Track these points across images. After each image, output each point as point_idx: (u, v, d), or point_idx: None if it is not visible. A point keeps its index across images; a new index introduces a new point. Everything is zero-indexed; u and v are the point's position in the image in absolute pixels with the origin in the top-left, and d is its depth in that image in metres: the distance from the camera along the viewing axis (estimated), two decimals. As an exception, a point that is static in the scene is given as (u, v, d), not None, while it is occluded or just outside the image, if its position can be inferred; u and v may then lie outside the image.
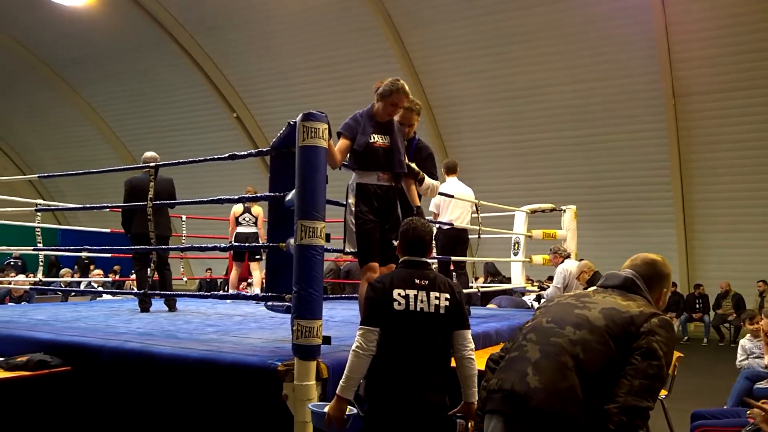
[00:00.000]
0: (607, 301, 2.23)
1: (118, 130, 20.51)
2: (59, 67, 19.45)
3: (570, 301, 2.32)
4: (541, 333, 2.21)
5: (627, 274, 2.37)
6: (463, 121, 15.56)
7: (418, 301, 2.75)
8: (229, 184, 16.17)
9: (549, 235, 8.38)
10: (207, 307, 6.85)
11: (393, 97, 3.86)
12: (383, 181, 3.88)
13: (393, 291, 2.75)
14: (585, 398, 2.00)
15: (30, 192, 21.20)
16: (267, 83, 17.08)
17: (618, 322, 2.11)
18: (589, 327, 2.12)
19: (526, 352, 2.17)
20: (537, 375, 2.06)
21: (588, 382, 2.02)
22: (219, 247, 4.70)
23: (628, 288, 2.32)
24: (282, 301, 3.60)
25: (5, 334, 4.28)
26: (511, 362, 2.21)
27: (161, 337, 4.11)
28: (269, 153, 3.91)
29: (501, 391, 2.14)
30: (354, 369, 2.70)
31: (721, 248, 13.95)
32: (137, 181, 6.02)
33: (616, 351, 2.06)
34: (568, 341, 2.11)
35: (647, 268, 2.39)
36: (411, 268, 2.85)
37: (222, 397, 3.30)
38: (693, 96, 13.14)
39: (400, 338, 2.72)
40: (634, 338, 2.07)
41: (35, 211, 7.27)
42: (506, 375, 2.16)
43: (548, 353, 2.11)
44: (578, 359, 2.05)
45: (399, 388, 2.69)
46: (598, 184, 14.56)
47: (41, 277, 7.77)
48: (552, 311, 2.31)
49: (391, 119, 3.99)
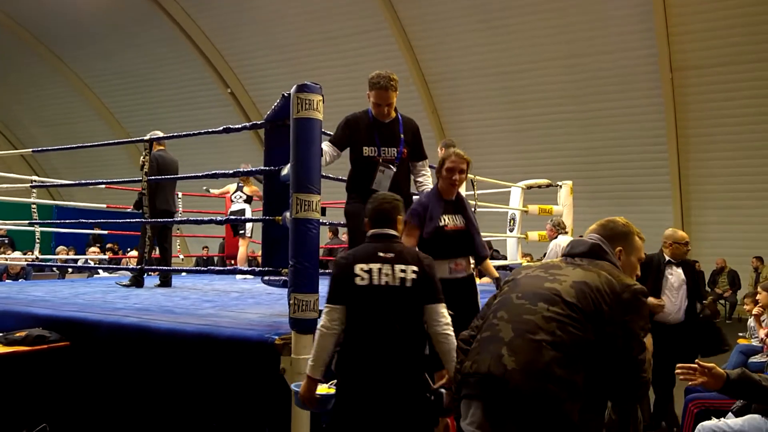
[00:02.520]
0: (577, 274, 2.14)
1: (112, 107, 20.34)
2: (52, 43, 19.21)
3: (539, 274, 2.22)
4: (512, 310, 2.11)
5: (592, 239, 2.31)
6: (460, 97, 15.47)
7: (383, 274, 2.64)
8: (224, 160, 16.07)
9: (545, 210, 8.39)
10: (204, 283, 6.88)
11: (447, 164, 3.61)
12: (458, 272, 3.57)
13: (355, 266, 2.66)
14: (565, 374, 1.93)
15: (24, 169, 21.08)
16: (261, 58, 16.92)
17: (588, 298, 2.03)
18: (562, 302, 2.04)
19: (498, 332, 2.08)
20: (513, 355, 1.97)
21: (566, 358, 1.95)
22: (215, 220, 4.69)
23: (595, 254, 2.25)
24: (278, 275, 3.61)
25: (4, 310, 4.29)
26: (483, 343, 2.11)
27: (159, 313, 4.12)
28: (264, 126, 3.89)
29: (476, 374, 2.05)
30: (319, 348, 2.65)
31: (717, 224, 13.96)
32: (161, 159, 6.08)
33: (590, 330, 2.00)
34: (541, 318, 2.02)
35: (608, 230, 2.33)
36: (376, 242, 2.76)
37: (220, 371, 3.32)
38: (691, 70, 13.04)
39: (366, 314, 2.64)
40: (607, 319, 2.01)
41: (30, 187, 7.23)
42: (480, 357, 2.06)
43: (522, 331, 2.02)
44: (554, 335, 1.98)
45: (367, 364, 2.62)
46: (595, 160, 14.53)
47: (38, 254, 7.77)
48: (521, 285, 2.21)
49: (459, 196, 3.69)
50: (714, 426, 3.25)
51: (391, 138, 3.80)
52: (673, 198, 14.10)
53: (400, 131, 3.84)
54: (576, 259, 2.25)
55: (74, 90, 20.27)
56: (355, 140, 3.81)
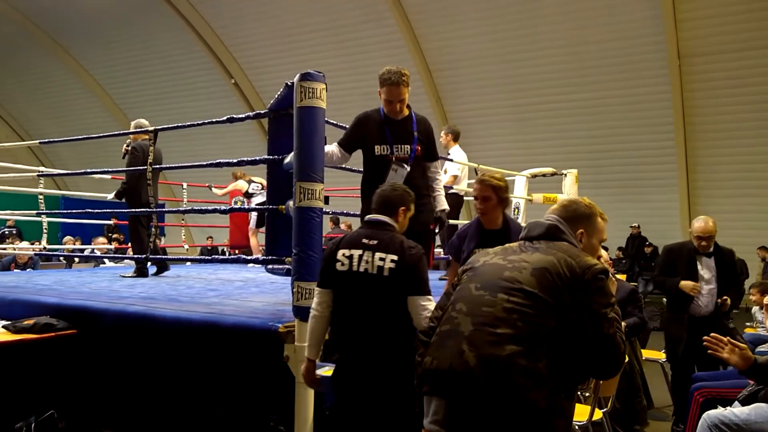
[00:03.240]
0: (536, 259, 2.05)
1: (117, 98, 20.37)
2: (58, 36, 19.24)
3: (498, 261, 2.12)
4: (471, 303, 2.02)
5: (550, 220, 2.22)
6: (463, 85, 15.40)
7: (363, 261, 2.62)
8: (228, 150, 16.09)
9: (549, 199, 8.36)
10: (208, 272, 6.91)
11: (473, 192, 3.43)
12: None
13: (338, 252, 2.68)
14: (528, 363, 1.86)
15: (31, 160, 21.16)
16: (265, 48, 16.89)
17: (550, 286, 1.96)
18: (523, 293, 1.96)
19: (458, 326, 1.99)
20: (474, 350, 1.90)
21: (527, 349, 1.88)
22: (219, 209, 4.71)
23: (553, 235, 2.16)
24: (282, 263, 3.62)
25: (12, 299, 4.33)
26: (443, 338, 2.02)
27: (164, 301, 4.15)
28: (267, 115, 3.89)
29: (438, 371, 1.97)
30: (311, 330, 2.75)
31: (725, 213, 13.81)
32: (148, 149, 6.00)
33: (553, 316, 1.93)
34: (501, 310, 1.94)
35: (570, 211, 2.24)
36: (366, 228, 2.75)
37: (224, 359, 3.34)
38: (699, 57, 12.92)
39: (346, 299, 2.67)
40: (570, 305, 1.94)
41: (37, 176, 7.27)
42: (440, 353, 1.99)
43: (481, 324, 1.94)
44: (515, 327, 1.91)
45: (348, 350, 2.66)
46: (600, 148, 14.47)
47: (45, 244, 7.82)
48: (479, 275, 2.11)
49: (507, 225, 3.41)
50: (720, 415, 3.23)
51: (404, 135, 3.59)
52: (680, 186, 14.03)
53: (414, 129, 3.65)
54: (534, 242, 2.16)
55: (80, 82, 20.30)
56: (367, 140, 3.64)
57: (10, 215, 9.34)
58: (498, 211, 3.27)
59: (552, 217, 2.23)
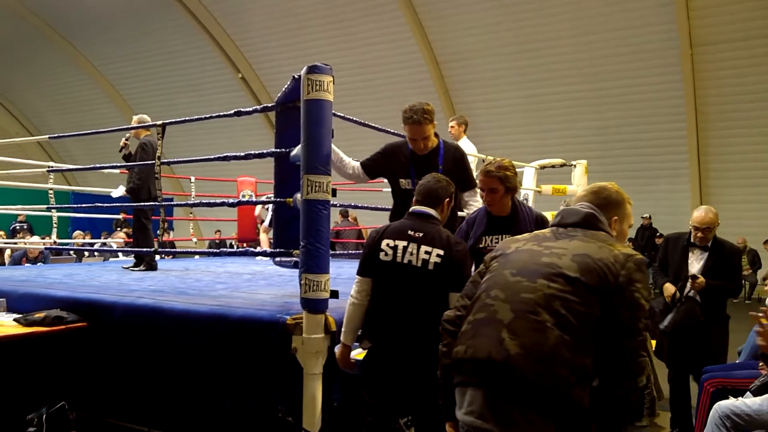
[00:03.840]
0: (575, 246, 1.98)
1: (125, 93, 20.45)
2: (66, 32, 19.34)
3: (532, 248, 2.05)
4: (508, 289, 1.94)
5: (585, 208, 2.13)
6: (472, 77, 15.33)
7: (407, 253, 2.63)
8: (235, 145, 16.13)
9: (559, 190, 8.32)
10: (217, 266, 6.94)
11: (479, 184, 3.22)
12: None
13: (382, 241, 2.69)
14: (573, 357, 1.80)
15: (41, 155, 21.30)
16: (272, 43, 16.89)
17: (593, 271, 1.89)
18: (564, 278, 1.89)
19: (495, 313, 1.91)
20: (515, 339, 1.82)
21: (571, 338, 1.81)
22: (227, 203, 4.72)
23: (590, 224, 2.08)
24: (290, 256, 3.63)
25: (23, 292, 4.36)
26: (478, 326, 1.94)
27: (172, 294, 4.17)
28: (274, 109, 3.88)
29: (473, 360, 1.88)
30: (349, 317, 2.81)
31: (737, 203, 13.75)
32: (152, 146, 6.04)
33: (596, 304, 1.86)
34: (542, 296, 1.87)
35: (602, 198, 2.17)
36: (411, 219, 2.75)
37: (232, 351, 3.36)
38: (711, 45, 12.79)
39: (387, 290, 2.68)
40: (613, 290, 1.88)
41: (47, 172, 7.31)
42: (477, 342, 1.90)
43: (523, 312, 1.86)
44: (558, 315, 1.83)
45: (383, 339, 2.69)
46: (610, 139, 14.38)
47: (55, 238, 7.88)
48: (514, 261, 2.03)
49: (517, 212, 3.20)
50: (731, 405, 3.20)
51: (428, 170, 3.33)
52: (691, 176, 13.93)
53: (439, 162, 3.53)
54: (569, 229, 2.08)
55: (88, 77, 20.39)
56: (391, 172, 3.62)
57: (21, 210, 9.41)
58: (506, 200, 3.14)
59: (586, 205, 2.15)
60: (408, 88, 15.28)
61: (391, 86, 15.61)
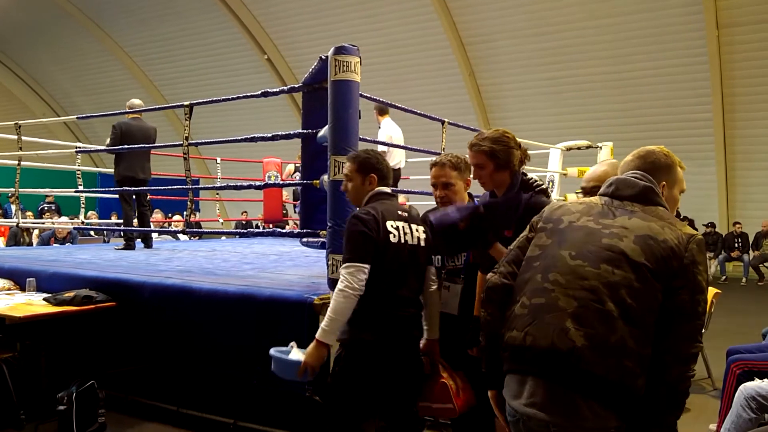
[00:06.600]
0: (636, 225, 1.85)
1: (151, 74, 20.58)
2: (93, 14, 19.46)
3: (590, 225, 1.90)
4: (569, 274, 1.83)
5: (642, 180, 1.97)
6: (497, 58, 15.15)
7: (404, 233, 2.59)
8: (261, 126, 16.17)
9: (584, 173, 8.23)
10: (243, 246, 7.00)
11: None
12: None
13: (387, 222, 2.53)
14: (638, 347, 1.74)
15: (68, 136, 21.57)
16: (297, 23, 16.82)
17: (658, 255, 1.79)
18: (629, 264, 1.78)
19: (556, 300, 1.81)
20: (581, 329, 1.74)
21: (636, 329, 1.74)
22: (254, 185, 4.74)
23: (647, 198, 1.94)
24: (317, 237, 3.64)
25: (53, 272, 4.44)
26: (538, 312, 1.83)
27: (200, 274, 4.22)
28: (301, 89, 3.88)
29: (534, 349, 1.80)
30: (341, 311, 2.41)
31: (763, 185, 13.54)
32: (126, 127, 6.28)
33: (660, 290, 1.78)
34: (607, 284, 1.77)
35: (649, 163, 2.02)
36: (388, 199, 2.67)
37: (259, 330, 3.39)
38: (738, 27, 12.50)
39: (391, 273, 2.52)
40: (676, 272, 1.78)
41: (75, 153, 7.41)
42: (538, 330, 1.81)
43: (587, 301, 1.77)
44: (624, 305, 1.74)
45: (389, 325, 2.52)
46: (635, 121, 14.13)
47: (83, 219, 8.00)
48: (570, 241, 1.89)
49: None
50: (757, 387, 3.20)
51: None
52: (717, 159, 13.68)
53: None
54: (625, 203, 1.94)
55: (115, 58, 20.54)
56: None
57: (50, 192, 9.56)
58: (501, 175, 2.65)
59: (641, 175, 1.99)
60: (433, 69, 15.16)
61: (415, 68, 15.51)
